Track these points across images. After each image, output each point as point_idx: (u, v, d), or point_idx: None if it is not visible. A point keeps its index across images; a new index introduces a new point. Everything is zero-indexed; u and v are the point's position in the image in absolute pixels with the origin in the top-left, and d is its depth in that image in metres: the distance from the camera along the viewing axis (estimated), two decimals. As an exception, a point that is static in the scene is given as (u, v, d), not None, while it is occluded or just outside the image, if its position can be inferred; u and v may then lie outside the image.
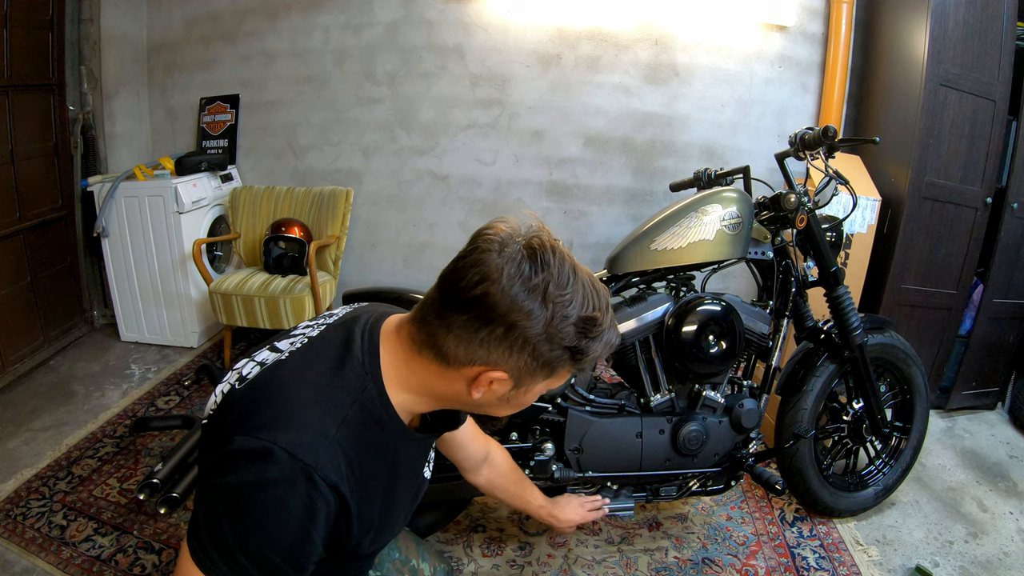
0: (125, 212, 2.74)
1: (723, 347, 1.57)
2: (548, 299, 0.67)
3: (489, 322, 0.68)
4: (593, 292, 0.71)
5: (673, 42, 2.76)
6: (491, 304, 0.67)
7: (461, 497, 1.71)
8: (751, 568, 1.72)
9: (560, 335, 0.69)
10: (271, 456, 0.64)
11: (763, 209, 1.69)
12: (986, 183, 2.34)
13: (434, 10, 2.83)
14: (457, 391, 0.74)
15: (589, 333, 0.70)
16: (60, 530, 1.77)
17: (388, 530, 0.83)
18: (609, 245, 2.32)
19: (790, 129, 2.46)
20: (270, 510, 0.64)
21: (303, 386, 0.71)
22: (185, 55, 3.11)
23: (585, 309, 0.69)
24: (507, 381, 0.72)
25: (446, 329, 0.70)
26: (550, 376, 0.74)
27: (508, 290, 0.66)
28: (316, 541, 0.68)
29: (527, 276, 0.67)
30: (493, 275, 0.66)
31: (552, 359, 0.71)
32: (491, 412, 0.80)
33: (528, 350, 0.69)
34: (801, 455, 1.79)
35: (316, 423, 0.68)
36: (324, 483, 0.66)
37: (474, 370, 0.71)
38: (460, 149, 2.96)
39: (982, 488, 2.13)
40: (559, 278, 0.68)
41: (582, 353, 0.71)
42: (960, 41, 2.22)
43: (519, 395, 0.76)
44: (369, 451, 0.73)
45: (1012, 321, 2.51)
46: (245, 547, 0.65)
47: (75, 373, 2.67)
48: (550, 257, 0.68)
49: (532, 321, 0.67)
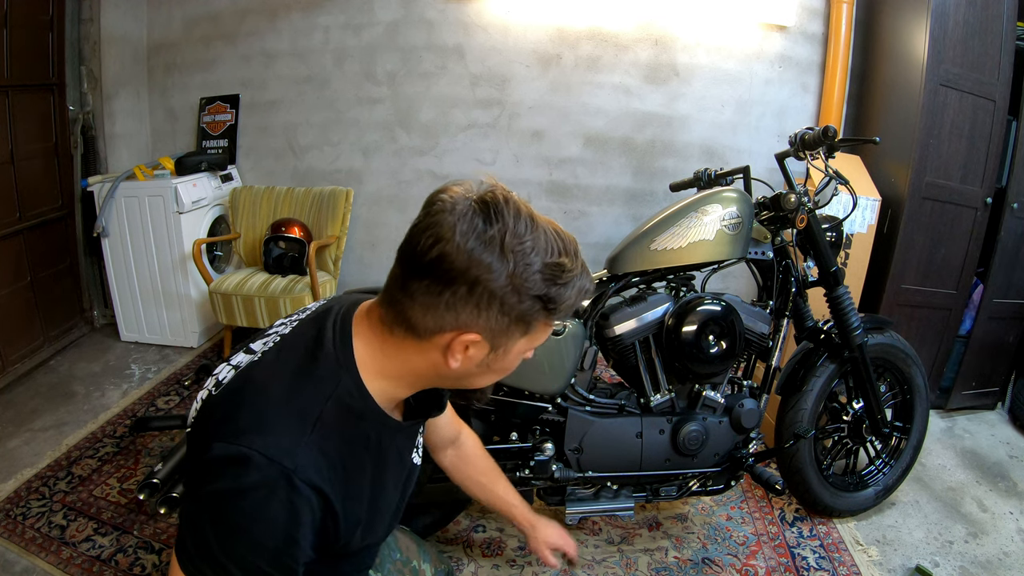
0: (125, 212, 2.74)
1: (723, 347, 1.57)
2: (507, 249, 0.65)
3: (450, 282, 0.66)
4: (556, 238, 0.69)
5: (673, 42, 2.76)
6: (449, 264, 0.65)
7: (461, 497, 1.70)
8: (751, 568, 1.72)
9: (526, 285, 0.66)
10: (248, 461, 0.64)
11: (763, 209, 1.70)
12: (986, 183, 2.34)
13: (434, 10, 2.83)
14: (435, 364, 0.72)
15: (557, 280, 0.68)
16: (60, 530, 1.77)
17: (379, 522, 0.82)
18: (609, 245, 2.32)
19: (790, 129, 2.46)
20: (252, 516, 0.64)
21: (277, 387, 0.70)
22: (185, 55, 3.11)
23: (549, 256, 0.67)
24: (482, 343, 0.70)
25: (411, 299, 0.68)
26: (527, 332, 0.72)
27: (463, 246, 0.64)
28: (302, 545, 0.67)
29: (481, 230, 0.65)
30: (446, 234, 0.64)
31: (523, 312, 0.68)
32: (475, 382, 0.77)
33: (496, 305, 0.67)
34: (801, 455, 1.79)
35: (293, 424, 0.67)
36: (305, 485, 0.65)
37: (446, 337, 0.69)
38: (460, 149, 2.96)
39: (982, 488, 2.12)
40: (515, 227, 0.66)
41: (554, 302, 0.69)
42: (960, 41, 2.22)
43: (499, 358, 0.73)
44: (350, 446, 0.72)
45: (1012, 321, 2.51)
46: (231, 555, 0.65)
47: (75, 373, 2.67)
48: (503, 208, 0.66)
49: (494, 274, 0.65)
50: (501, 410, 1.60)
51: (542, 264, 0.67)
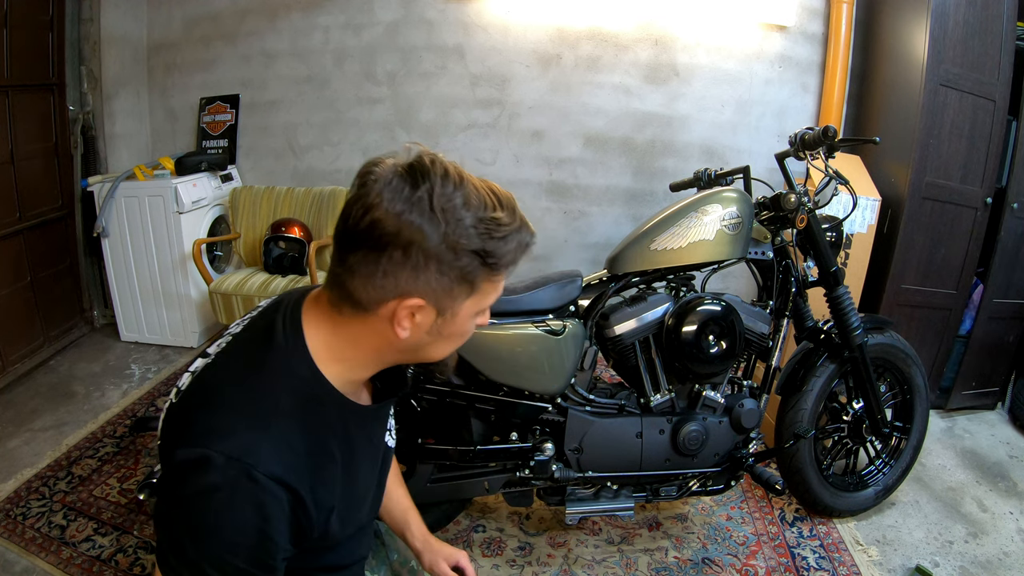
0: (125, 212, 2.74)
1: (723, 347, 1.57)
2: (435, 208, 0.65)
3: (384, 248, 0.66)
4: (489, 193, 0.69)
5: (673, 42, 2.76)
6: (381, 230, 0.65)
7: (461, 497, 1.71)
8: (751, 568, 1.72)
9: (460, 241, 0.66)
10: (208, 462, 0.64)
11: (763, 209, 1.70)
12: (986, 183, 2.34)
13: (434, 10, 2.83)
14: (385, 337, 0.72)
15: (493, 234, 0.67)
16: (60, 530, 1.77)
17: (357, 509, 0.81)
18: (609, 245, 2.32)
19: (790, 129, 2.46)
20: (220, 516, 0.64)
21: (231, 385, 0.70)
22: (185, 55, 3.11)
23: (482, 210, 0.67)
24: (428, 308, 0.70)
25: (351, 273, 0.68)
26: (472, 292, 0.71)
27: (391, 210, 0.64)
28: (276, 540, 0.67)
29: (408, 193, 0.65)
30: (375, 201, 0.65)
31: (463, 269, 0.68)
32: (431, 352, 0.76)
33: (433, 265, 0.67)
34: (801, 455, 1.79)
35: (249, 420, 0.67)
36: (268, 479, 0.65)
37: (390, 306, 0.69)
38: (460, 149, 2.96)
39: (982, 488, 2.12)
40: (443, 187, 0.65)
41: (492, 256, 0.68)
42: (960, 41, 2.22)
43: (448, 323, 0.72)
44: (315, 435, 0.71)
45: (1012, 321, 2.51)
46: (208, 557, 0.65)
47: (75, 373, 2.67)
48: (429, 170, 0.66)
49: (426, 234, 0.65)
50: (501, 410, 1.60)
51: (475, 219, 0.66)
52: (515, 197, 0.73)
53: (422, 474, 1.63)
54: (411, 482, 1.63)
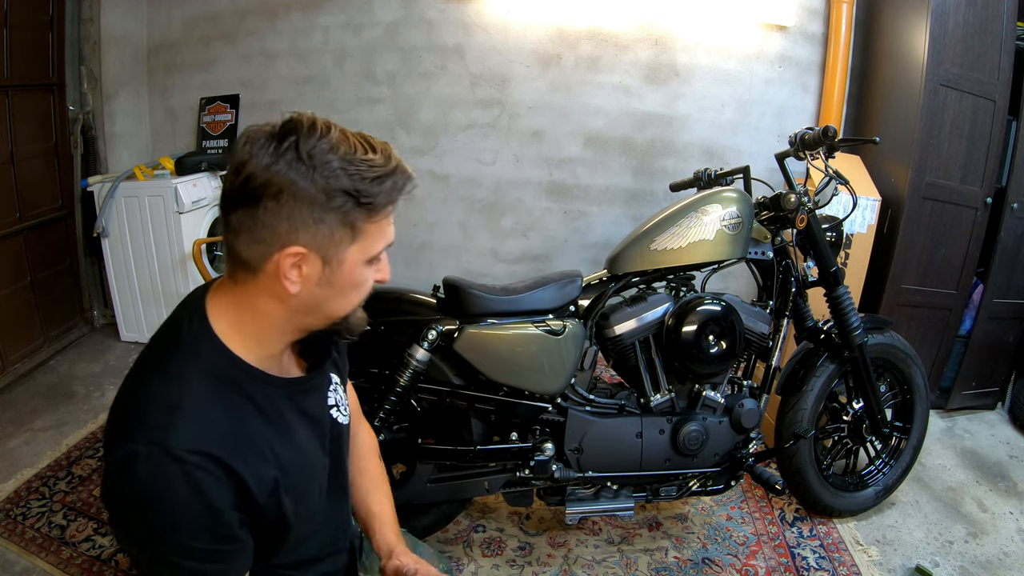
0: (125, 212, 2.74)
1: (723, 347, 1.57)
2: (301, 154, 0.67)
3: (258, 200, 0.67)
4: (360, 140, 0.70)
5: (673, 42, 2.76)
6: (253, 184, 0.67)
7: (461, 497, 1.71)
8: (751, 568, 1.72)
9: (330, 182, 0.67)
10: (134, 457, 0.65)
11: (763, 209, 1.70)
12: (986, 183, 2.34)
13: (434, 10, 2.83)
14: (280, 297, 0.72)
15: (364, 173, 0.69)
16: (60, 530, 1.77)
17: (307, 483, 0.81)
18: (609, 245, 2.32)
19: (790, 129, 2.46)
20: (162, 504, 0.65)
21: (142, 382, 0.71)
22: (185, 55, 3.11)
23: (350, 153, 0.69)
24: (311, 257, 0.70)
25: (235, 235, 0.70)
26: (356, 237, 0.72)
27: (260, 163, 0.67)
28: (225, 511, 0.68)
29: (275, 146, 0.67)
30: (245, 159, 0.67)
31: (338, 211, 0.69)
32: (331, 309, 0.76)
33: (307, 211, 0.68)
34: (801, 455, 1.79)
35: (161, 406, 0.67)
36: (188, 452, 0.65)
37: (274, 259, 0.69)
38: (460, 149, 2.96)
39: (982, 488, 2.13)
40: (308, 136, 0.67)
41: (366, 195, 0.69)
42: (960, 41, 2.22)
43: (337, 273, 0.73)
44: (233, 410, 0.72)
45: (1012, 321, 2.51)
46: (170, 548, 0.66)
47: (75, 373, 2.67)
48: (296, 124, 0.68)
49: (293, 180, 0.67)
50: (501, 410, 1.60)
51: (343, 161, 0.68)
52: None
53: (422, 474, 1.63)
54: (411, 482, 1.63)
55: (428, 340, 1.52)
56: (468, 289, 1.56)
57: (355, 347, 1.60)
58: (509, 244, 3.04)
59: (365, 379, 1.65)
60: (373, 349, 1.61)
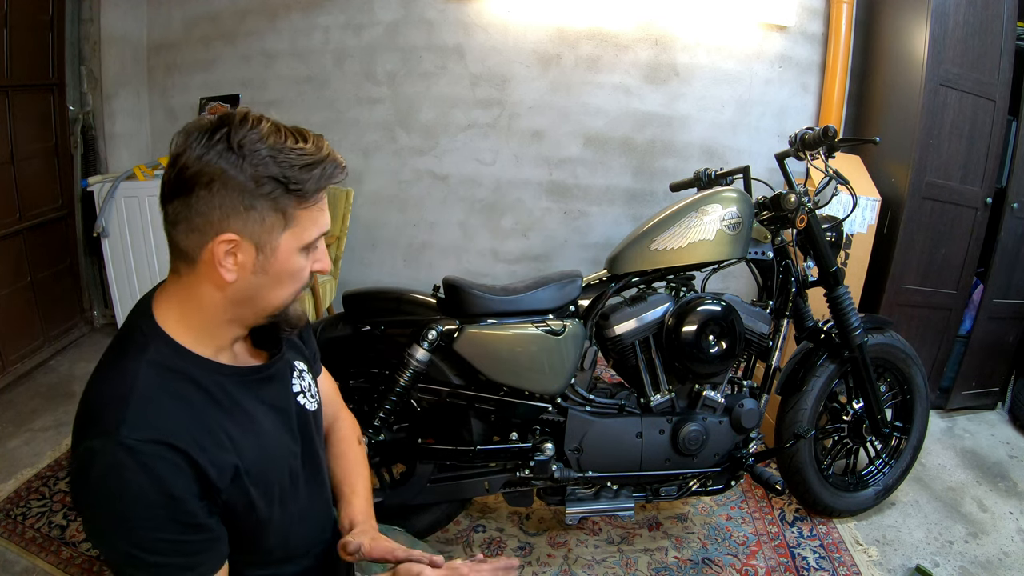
0: (125, 212, 2.74)
1: (723, 347, 1.57)
2: (233, 144, 0.69)
3: (191, 190, 0.69)
4: (292, 132, 0.73)
5: (673, 42, 2.76)
6: (186, 175, 0.69)
7: (461, 497, 1.71)
8: (751, 568, 1.72)
9: (259, 170, 0.70)
10: (91, 454, 0.66)
11: (763, 209, 1.70)
12: (986, 183, 2.34)
13: (434, 10, 2.83)
14: (219, 286, 0.74)
15: (292, 161, 0.71)
16: (60, 530, 1.77)
17: (271, 471, 0.80)
18: (609, 245, 2.32)
19: (790, 129, 2.46)
20: (121, 496, 0.65)
21: (95, 385, 0.73)
22: (185, 55, 3.11)
23: (280, 142, 0.71)
24: (244, 244, 0.72)
25: (173, 225, 0.72)
26: (288, 224, 0.73)
27: (193, 154, 0.69)
28: (185, 497, 0.68)
29: (208, 137, 0.70)
30: (180, 151, 0.70)
31: (267, 197, 0.71)
32: (269, 298, 0.77)
33: (236, 197, 0.70)
34: (801, 455, 1.79)
35: (114, 402, 0.69)
36: (143, 443, 0.66)
37: (209, 248, 0.71)
38: (460, 149, 2.96)
39: (982, 488, 2.13)
40: (240, 127, 0.70)
41: (295, 182, 0.71)
42: (960, 41, 2.22)
43: (271, 260, 0.74)
44: (184, 400, 0.72)
45: (1012, 321, 2.51)
46: (139, 544, 0.67)
47: (75, 373, 2.67)
48: (228, 117, 0.71)
49: (223, 168, 0.69)
50: (501, 410, 1.60)
51: (271, 149, 0.70)
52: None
53: (422, 474, 1.63)
54: (411, 482, 1.63)
55: (428, 340, 1.52)
56: (468, 289, 1.56)
57: (355, 347, 1.62)
58: (509, 244, 3.04)
59: (365, 379, 1.65)
60: (373, 349, 1.61)
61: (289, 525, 0.85)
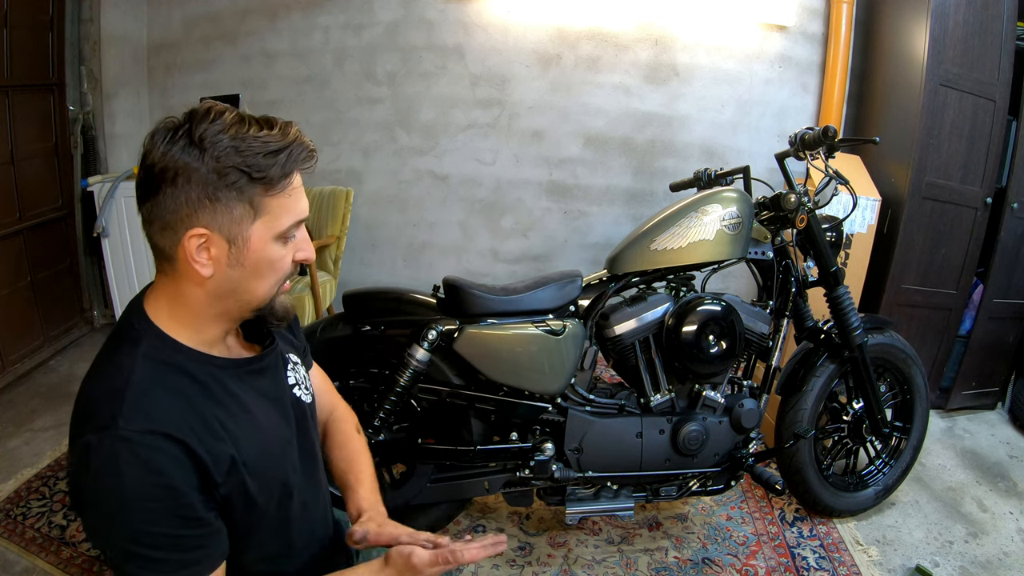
0: (125, 212, 2.74)
1: (723, 347, 1.57)
2: (195, 138, 0.69)
3: (159, 187, 0.70)
4: (255, 120, 0.72)
5: (673, 42, 2.76)
6: (153, 173, 0.70)
7: (461, 497, 1.71)
8: (751, 568, 1.72)
9: (221, 160, 0.69)
10: (88, 448, 0.66)
11: (763, 209, 1.70)
12: (986, 183, 2.34)
13: (434, 10, 2.83)
14: (198, 282, 0.74)
15: (254, 149, 0.71)
16: (60, 530, 1.77)
17: (271, 463, 0.80)
18: (609, 245, 2.32)
19: (790, 129, 2.46)
20: (121, 491, 0.65)
21: (91, 381, 0.73)
22: (185, 55, 3.11)
23: (242, 131, 0.71)
24: (216, 238, 0.72)
25: (149, 224, 0.73)
26: (257, 215, 0.73)
27: (158, 151, 0.69)
28: (183, 489, 0.68)
29: (171, 135, 0.70)
30: (147, 150, 0.71)
31: (232, 187, 0.70)
32: (250, 292, 0.77)
33: (201, 189, 0.70)
34: (801, 455, 1.79)
35: (108, 397, 0.69)
36: (138, 433, 0.66)
37: (183, 244, 0.71)
38: (460, 149, 2.96)
39: (982, 488, 2.13)
40: (202, 119, 0.70)
41: (260, 170, 0.71)
42: (960, 41, 2.22)
43: (244, 252, 0.74)
44: (180, 392, 0.72)
45: (1012, 321, 2.51)
46: (138, 539, 0.66)
47: (75, 373, 2.67)
48: (192, 113, 0.71)
49: (187, 163, 0.69)
50: (501, 410, 1.60)
51: (233, 139, 0.70)
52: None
53: (422, 474, 1.63)
54: (411, 482, 1.63)
55: (428, 340, 1.52)
56: (468, 289, 1.57)
57: (355, 347, 1.62)
58: (509, 244, 3.04)
59: (365, 379, 1.65)
60: (373, 349, 1.61)
61: (288, 518, 0.84)
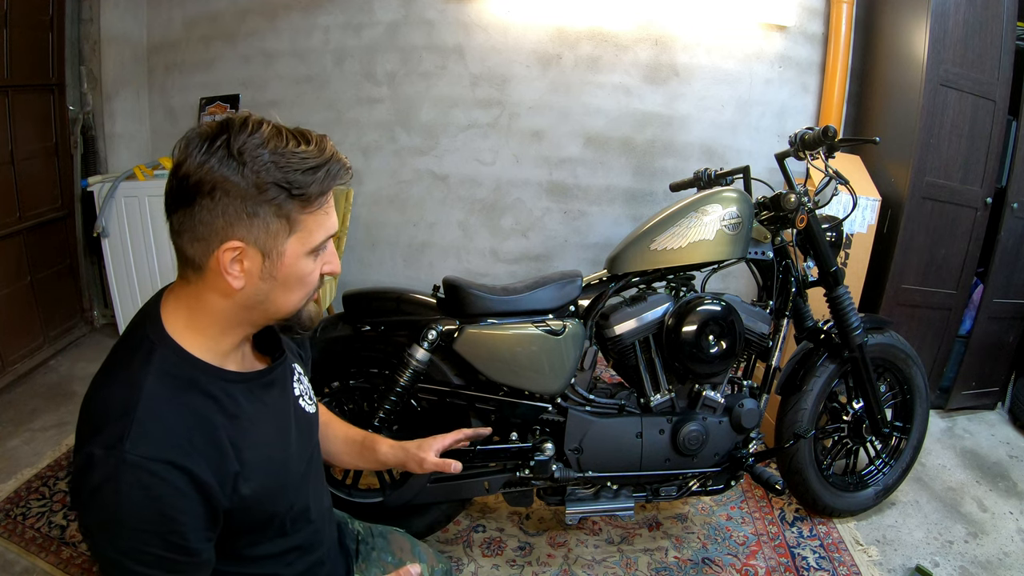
0: (125, 212, 2.74)
1: (723, 347, 1.57)
2: (233, 151, 0.68)
3: (195, 198, 0.69)
4: (292, 133, 0.72)
5: (673, 42, 2.76)
6: (188, 183, 0.69)
7: (461, 497, 1.71)
8: (751, 568, 1.72)
9: (261, 175, 0.69)
10: (91, 462, 0.66)
11: (763, 209, 1.70)
12: (986, 183, 2.34)
13: (434, 10, 2.83)
14: (226, 293, 0.73)
15: (294, 165, 0.70)
16: (60, 530, 1.77)
17: (274, 474, 0.80)
18: (609, 245, 2.32)
19: (790, 129, 2.46)
20: (119, 508, 0.65)
21: (102, 389, 0.72)
22: (185, 55, 3.10)
23: (281, 146, 0.70)
24: (251, 251, 0.71)
25: (179, 236, 0.72)
26: (293, 229, 0.72)
27: (194, 162, 0.68)
28: (180, 519, 0.68)
29: (207, 145, 0.69)
30: (180, 160, 0.69)
31: (271, 203, 0.70)
32: (279, 304, 0.76)
33: (239, 204, 0.69)
34: (801, 455, 1.79)
35: (116, 411, 0.68)
36: (144, 459, 0.66)
37: (216, 256, 0.71)
38: (460, 149, 2.96)
39: (982, 488, 2.13)
40: (239, 131, 0.69)
41: (299, 187, 0.70)
42: (960, 41, 2.22)
43: (278, 265, 0.73)
44: (189, 408, 0.72)
45: (1012, 321, 2.51)
46: (126, 552, 0.66)
47: (75, 373, 2.67)
48: (228, 123, 0.70)
49: (225, 176, 0.68)
50: (501, 410, 1.60)
51: (273, 154, 0.69)
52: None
53: (422, 474, 1.63)
54: (411, 482, 1.63)
55: (428, 340, 1.52)
56: (468, 289, 1.57)
57: (355, 347, 1.62)
58: (509, 244, 3.04)
59: (365, 379, 1.65)
60: (373, 349, 1.61)
61: (292, 524, 0.85)
